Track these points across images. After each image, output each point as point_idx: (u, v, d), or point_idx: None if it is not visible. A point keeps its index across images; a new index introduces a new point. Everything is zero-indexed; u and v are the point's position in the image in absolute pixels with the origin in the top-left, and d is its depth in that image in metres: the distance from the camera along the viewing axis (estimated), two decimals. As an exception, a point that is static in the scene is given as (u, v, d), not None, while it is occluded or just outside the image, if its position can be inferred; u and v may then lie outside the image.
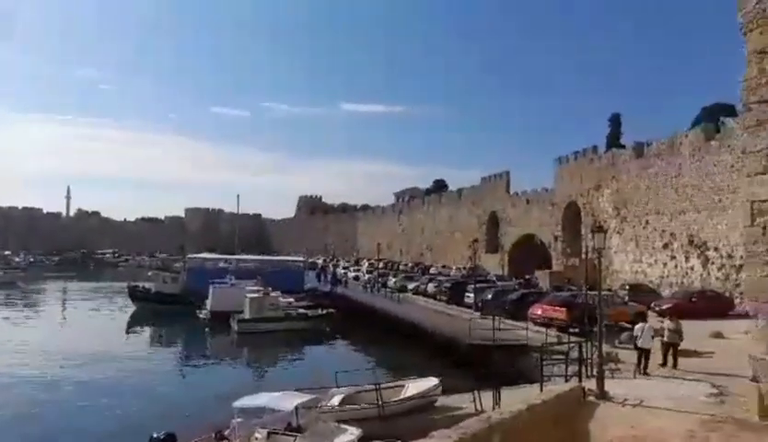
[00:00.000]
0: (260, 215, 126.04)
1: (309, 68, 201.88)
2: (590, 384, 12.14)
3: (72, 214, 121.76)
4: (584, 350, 15.04)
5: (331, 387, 15.06)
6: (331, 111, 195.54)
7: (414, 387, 14.84)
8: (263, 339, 30.39)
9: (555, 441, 6.95)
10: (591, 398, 10.86)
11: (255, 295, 33.45)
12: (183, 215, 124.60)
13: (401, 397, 14.48)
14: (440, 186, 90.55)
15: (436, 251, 69.61)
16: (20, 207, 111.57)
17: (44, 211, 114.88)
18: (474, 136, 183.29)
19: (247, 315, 32.35)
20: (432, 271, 54.62)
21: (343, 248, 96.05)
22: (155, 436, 11.34)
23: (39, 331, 34.59)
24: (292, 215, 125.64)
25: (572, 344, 15.98)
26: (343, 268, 64.88)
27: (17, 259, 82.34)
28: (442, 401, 14.94)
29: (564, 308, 22.80)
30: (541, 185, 54.19)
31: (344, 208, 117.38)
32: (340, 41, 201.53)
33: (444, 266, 58.42)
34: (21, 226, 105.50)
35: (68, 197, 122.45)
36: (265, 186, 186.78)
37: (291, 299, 36.45)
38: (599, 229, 12.83)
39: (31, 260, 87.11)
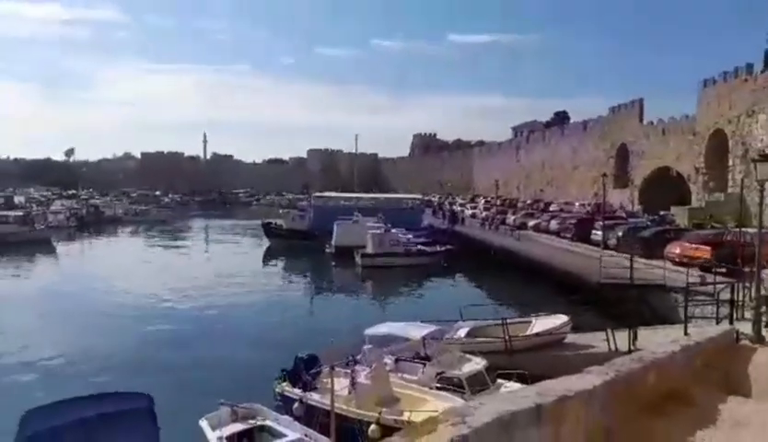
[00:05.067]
0: (376, 154, 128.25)
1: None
2: (743, 328, 11.11)
3: (208, 157, 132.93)
4: (736, 292, 13.74)
5: (455, 320, 15.35)
6: (439, 45, 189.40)
7: (542, 323, 14.66)
8: (385, 273, 31.74)
9: (709, 384, 6.53)
10: (746, 342, 9.96)
11: (377, 231, 34.70)
12: (305, 156, 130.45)
13: (529, 333, 14.38)
14: (562, 118, 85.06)
15: (557, 188, 66.49)
16: (165, 152, 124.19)
17: (185, 155, 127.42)
18: (598, 64, 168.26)
19: (369, 250, 33.80)
20: (553, 208, 52.44)
21: (459, 185, 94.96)
22: (299, 356, 12.40)
23: (189, 263, 39.12)
24: (407, 153, 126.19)
25: (722, 285, 14.68)
26: (460, 205, 64.50)
27: (166, 199, 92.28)
28: (571, 338, 14.66)
29: (708, 247, 21.32)
30: (671, 115, 49.00)
31: (459, 145, 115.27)
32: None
33: (566, 202, 55.79)
34: (166, 170, 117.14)
35: (205, 142, 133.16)
36: (381, 126, 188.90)
37: (410, 236, 37.30)
38: (763, 158, 11.19)
39: (178, 200, 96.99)
